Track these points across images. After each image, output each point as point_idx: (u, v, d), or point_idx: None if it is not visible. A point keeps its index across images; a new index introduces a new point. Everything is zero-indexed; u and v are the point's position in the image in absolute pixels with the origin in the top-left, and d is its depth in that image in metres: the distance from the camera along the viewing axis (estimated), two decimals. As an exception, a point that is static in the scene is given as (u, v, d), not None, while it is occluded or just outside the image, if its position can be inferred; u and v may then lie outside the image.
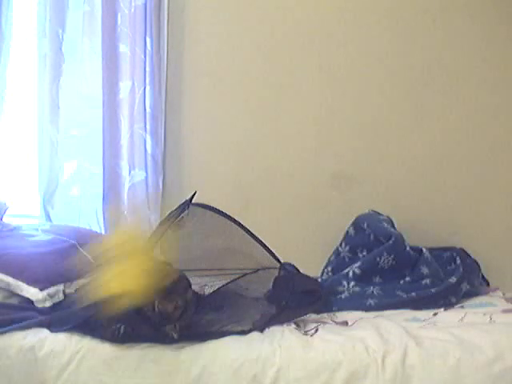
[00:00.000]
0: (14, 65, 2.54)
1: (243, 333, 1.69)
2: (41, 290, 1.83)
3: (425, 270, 2.17)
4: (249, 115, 2.55)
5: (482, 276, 2.33)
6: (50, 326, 1.69)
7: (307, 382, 1.57)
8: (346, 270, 2.21)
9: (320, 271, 2.36)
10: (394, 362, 1.58)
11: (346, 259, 2.32)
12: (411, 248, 2.24)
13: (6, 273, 1.85)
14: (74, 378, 1.61)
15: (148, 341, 1.65)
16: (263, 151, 2.55)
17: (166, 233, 1.76)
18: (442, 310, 2.00)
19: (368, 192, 2.49)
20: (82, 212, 2.54)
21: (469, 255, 2.32)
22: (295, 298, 1.84)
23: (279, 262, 1.88)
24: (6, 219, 2.34)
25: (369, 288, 2.14)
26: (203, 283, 2.02)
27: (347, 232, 2.37)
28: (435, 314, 1.95)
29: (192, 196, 1.80)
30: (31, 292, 1.83)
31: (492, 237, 2.46)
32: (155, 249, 1.71)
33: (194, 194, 1.79)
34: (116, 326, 1.63)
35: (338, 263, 2.33)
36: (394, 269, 2.19)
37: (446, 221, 2.46)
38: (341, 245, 2.36)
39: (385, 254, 2.19)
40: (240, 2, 2.54)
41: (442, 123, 2.47)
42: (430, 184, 2.49)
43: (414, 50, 2.46)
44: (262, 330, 1.71)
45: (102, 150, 2.47)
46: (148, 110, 2.47)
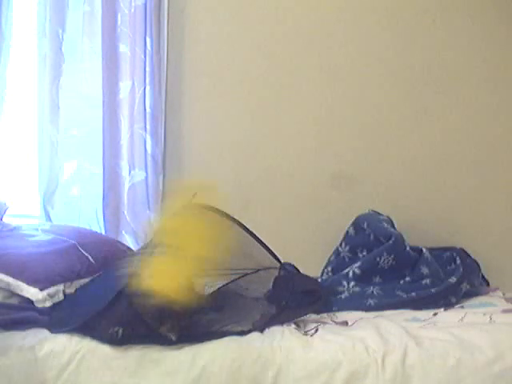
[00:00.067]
0: (14, 65, 2.54)
1: (243, 333, 1.68)
2: (41, 290, 1.83)
3: (425, 269, 2.17)
4: (249, 115, 2.55)
5: (482, 276, 2.33)
6: (50, 326, 1.69)
7: (307, 382, 1.57)
8: (346, 270, 2.21)
9: (320, 271, 2.36)
10: (394, 361, 1.58)
11: (346, 259, 2.32)
12: (411, 248, 2.24)
13: (6, 273, 1.84)
14: (74, 378, 1.61)
15: (147, 342, 1.64)
16: (263, 151, 2.55)
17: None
18: (442, 310, 2.00)
19: (368, 192, 2.49)
20: (82, 212, 2.54)
21: (469, 255, 2.32)
22: (295, 298, 1.84)
23: (279, 261, 1.88)
24: (6, 219, 2.34)
25: (369, 288, 2.14)
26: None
27: (347, 232, 2.37)
28: (435, 314, 1.95)
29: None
30: (31, 292, 1.82)
31: (492, 237, 2.46)
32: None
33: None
34: (114, 329, 1.62)
35: (338, 263, 2.33)
36: (394, 269, 2.19)
37: (446, 221, 2.46)
38: (341, 245, 2.36)
39: (385, 253, 2.19)
40: (240, 2, 2.54)
41: (442, 123, 2.47)
42: (429, 184, 2.49)
43: (414, 49, 2.46)
44: (262, 330, 1.71)
45: (102, 149, 2.47)
46: (148, 109, 2.47)
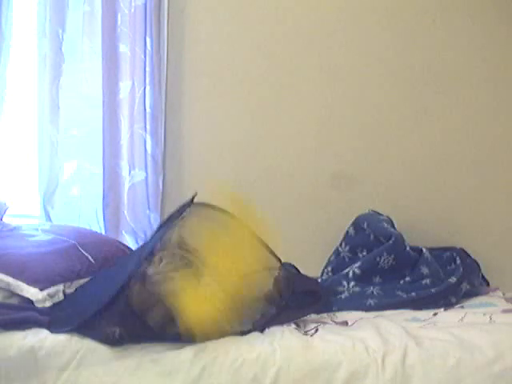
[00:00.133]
0: (14, 65, 2.54)
1: (243, 333, 1.68)
2: (41, 290, 1.83)
3: (425, 269, 2.17)
4: (249, 115, 2.55)
5: (482, 276, 2.33)
6: (50, 326, 1.69)
7: (307, 382, 1.57)
8: (346, 270, 2.21)
9: (320, 271, 2.36)
10: (394, 361, 1.58)
11: (346, 259, 2.32)
12: (411, 248, 2.24)
13: (6, 273, 1.84)
14: (74, 378, 1.61)
15: (144, 342, 1.64)
16: (263, 151, 2.55)
17: (167, 233, 1.76)
18: (442, 310, 2.00)
19: (368, 192, 2.49)
20: (82, 212, 2.54)
21: (469, 255, 2.31)
22: (295, 299, 1.84)
23: (279, 261, 1.88)
24: (6, 219, 2.34)
25: (369, 288, 2.14)
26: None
27: (347, 232, 2.37)
28: (435, 314, 1.95)
29: (193, 197, 1.79)
30: (31, 292, 1.82)
31: (492, 237, 2.46)
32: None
33: (195, 195, 1.79)
34: (111, 330, 1.62)
35: (338, 263, 2.33)
36: (394, 269, 2.19)
37: (446, 221, 2.46)
38: (341, 245, 2.36)
39: (385, 254, 2.19)
40: (240, 2, 2.54)
41: (442, 123, 2.47)
42: (429, 184, 2.49)
43: (414, 49, 2.46)
44: (262, 330, 1.71)
45: (102, 150, 2.47)
46: (148, 110, 2.47)
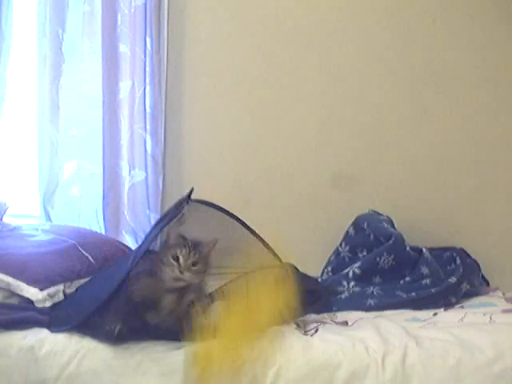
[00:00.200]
0: (14, 65, 2.54)
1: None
2: (41, 290, 1.83)
3: (425, 269, 2.17)
4: (249, 115, 2.55)
5: (482, 276, 2.33)
6: (50, 326, 1.69)
7: (307, 382, 1.56)
8: (345, 270, 2.22)
9: (320, 271, 2.37)
10: (394, 361, 1.57)
11: (346, 259, 2.32)
12: (411, 248, 2.24)
13: (6, 273, 1.84)
14: (74, 378, 1.60)
15: (144, 339, 1.63)
16: (263, 151, 2.55)
17: (165, 229, 1.76)
18: (442, 310, 2.00)
19: (368, 192, 2.49)
20: (82, 212, 2.54)
21: (469, 255, 2.31)
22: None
23: (280, 260, 1.88)
24: (6, 219, 2.34)
25: (369, 288, 2.14)
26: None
27: (347, 232, 2.37)
28: (435, 314, 1.95)
29: (190, 192, 1.77)
30: (31, 292, 1.82)
31: (492, 237, 2.46)
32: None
33: (192, 190, 1.78)
34: (111, 326, 1.62)
35: (338, 263, 2.33)
36: (394, 269, 2.19)
37: (446, 221, 2.46)
38: (341, 245, 2.36)
39: (385, 254, 2.19)
40: (240, 2, 2.54)
41: (442, 123, 2.47)
42: (429, 184, 2.48)
43: (414, 50, 2.46)
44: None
45: (102, 149, 2.47)
46: (148, 110, 2.47)
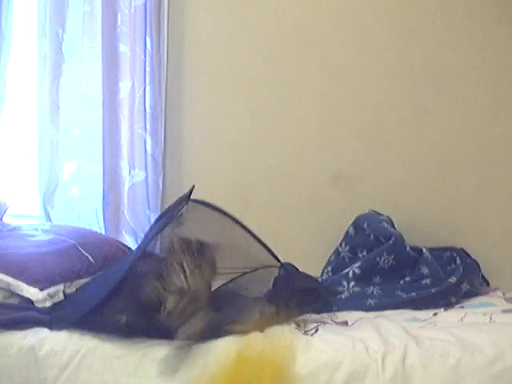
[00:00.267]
0: (14, 65, 2.54)
1: (243, 333, 1.68)
2: (41, 290, 1.83)
3: (425, 269, 2.17)
4: (249, 115, 2.55)
5: (482, 276, 2.33)
6: (51, 324, 1.69)
7: (307, 382, 1.56)
8: (346, 270, 2.21)
9: (320, 271, 2.36)
10: (394, 361, 1.57)
11: (346, 259, 2.32)
12: (411, 248, 2.24)
13: (6, 273, 1.84)
14: (74, 378, 1.61)
15: (149, 334, 1.64)
16: (263, 151, 2.55)
17: (167, 233, 1.76)
18: (442, 310, 2.00)
19: (368, 192, 2.49)
20: (82, 212, 2.54)
21: (469, 255, 2.31)
22: (295, 297, 1.84)
23: (279, 261, 1.88)
24: (6, 219, 2.34)
25: (369, 288, 2.13)
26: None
27: (347, 232, 2.37)
28: (435, 314, 1.95)
29: (190, 191, 1.77)
30: (31, 292, 1.82)
31: (492, 237, 2.45)
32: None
33: (193, 188, 1.77)
34: (118, 317, 1.61)
35: (338, 263, 2.33)
36: (394, 269, 2.19)
37: (446, 221, 2.46)
38: (341, 245, 2.36)
39: (385, 254, 2.19)
40: (240, 2, 2.54)
41: (441, 123, 2.47)
42: (429, 184, 2.48)
43: (414, 50, 2.46)
44: (262, 329, 1.71)
45: (102, 150, 2.47)
46: (148, 110, 2.47)
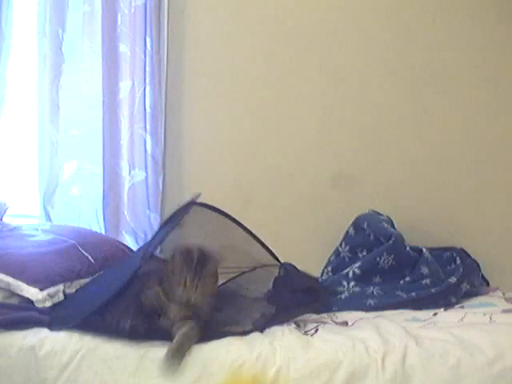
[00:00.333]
0: (14, 65, 2.54)
1: (243, 333, 1.68)
2: (41, 290, 1.83)
3: (425, 269, 2.17)
4: (249, 115, 2.55)
5: (482, 276, 2.33)
6: (50, 324, 1.69)
7: (307, 382, 1.57)
8: (345, 270, 2.22)
9: (320, 271, 2.37)
10: (394, 361, 1.57)
11: (346, 259, 2.32)
12: (411, 248, 2.24)
13: (6, 273, 1.85)
14: (74, 378, 1.61)
15: (153, 336, 1.64)
16: (263, 151, 2.55)
17: (171, 232, 1.76)
18: (442, 310, 2.00)
19: (368, 192, 2.49)
20: (82, 212, 2.54)
21: (469, 255, 2.31)
22: (295, 297, 1.84)
23: (279, 261, 1.88)
24: (6, 219, 2.34)
25: (369, 288, 2.14)
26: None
27: (347, 232, 2.37)
28: (435, 314, 1.95)
29: (197, 198, 1.78)
30: (31, 292, 1.82)
31: (492, 237, 2.46)
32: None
33: (199, 195, 1.78)
34: (122, 322, 1.61)
35: (338, 263, 2.33)
36: (394, 269, 2.19)
37: (446, 221, 2.46)
38: (341, 245, 2.36)
39: (385, 254, 2.19)
40: (240, 2, 2.54)
41: (442, 123, 2.47)
42: (429, 184, 2.48)
43: (414, 50, 2.46)
44: (262, 329, 1.71)
45: (102, 150, 2.47)
46: (148, 110, 2.47)
